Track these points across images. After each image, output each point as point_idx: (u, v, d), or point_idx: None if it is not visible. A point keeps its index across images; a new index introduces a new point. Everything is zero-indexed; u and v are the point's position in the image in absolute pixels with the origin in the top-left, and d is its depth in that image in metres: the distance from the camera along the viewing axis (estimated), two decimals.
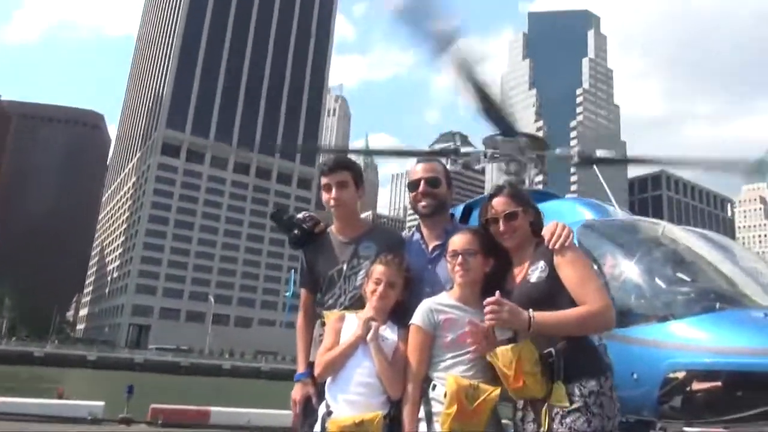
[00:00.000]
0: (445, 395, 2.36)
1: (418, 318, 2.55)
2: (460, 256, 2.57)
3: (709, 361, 3.62)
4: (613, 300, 4.30)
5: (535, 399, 2.33)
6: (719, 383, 3.63)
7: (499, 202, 2.67)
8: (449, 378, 2.38)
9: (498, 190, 2.75)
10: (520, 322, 2.29)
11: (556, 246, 2.46)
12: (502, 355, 2.32)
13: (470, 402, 2.31)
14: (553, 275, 2.45)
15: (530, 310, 2.32)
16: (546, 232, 2.55)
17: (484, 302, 2.32)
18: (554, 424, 2.25)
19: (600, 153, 8.16)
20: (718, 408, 3.68)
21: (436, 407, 2.40)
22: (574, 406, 2.25)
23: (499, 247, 2.67)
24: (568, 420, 2.24)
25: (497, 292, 2.34)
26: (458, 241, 2.63)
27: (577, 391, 2.27)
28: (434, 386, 2.45)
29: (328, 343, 2.69)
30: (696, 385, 3.72)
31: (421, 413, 2.43)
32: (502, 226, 2.62)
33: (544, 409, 2.28)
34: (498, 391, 2.35)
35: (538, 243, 2.58)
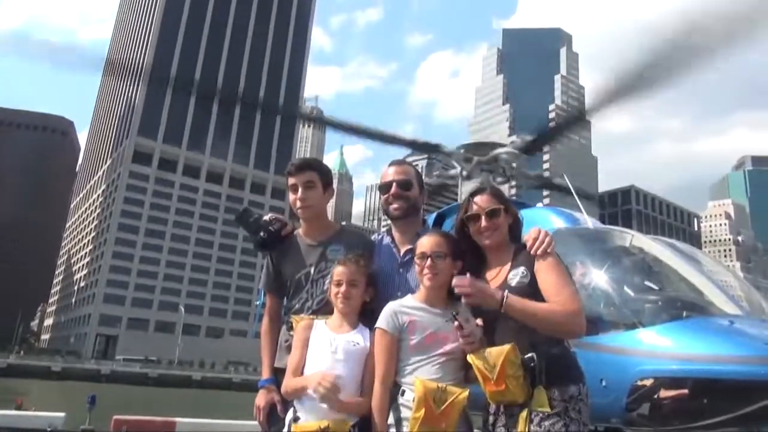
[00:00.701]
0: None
1: (382, 321, 2.52)
2: (429, 259, 2.54)
3: (676, 368, 3.66)
4: (582, 308, 4.36)
5: (513, 403, 2.31)
6: (686, 390, 3.67)
7: (482, 199, 2.66)
8: (416, 381, 2.34)
9: (480, 189, 2.75)
10: (493, 301, 2.31)
11: (539, 252, 2.46)
12: (485, 356, 2.31)
13: (438, 405, 2.28)
14: (534, 281, 2.44)
15: (505, 291, 2.34)
16: (528, 237, 2.54)
17: (454, 279, 2.32)
18: (532, 426, 2.23)
19: (565, 182, 8.28)
20: (685, 415, 3.72)
21: (405, 413, 2.37)
22: (554, 411, 2.24)
23: (465, 251, 2.65)
24: (546, 423, 2.23)
25: (467, 275, 2.34)
26: (427, 243, 2.60)
27: (557, 396, 2.26)
28: (403, 392, 2.42)
29: (296, 357, 2.64)
30: (663, 392, 3.76)
31: (391, 419, 2.40)
32: (484, 222, 2.60)
33: (524, 413, 2.26)
34: (467, 392, 2.32)
35: (518, 248, 2.58)
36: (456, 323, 2.36)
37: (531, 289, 2.42)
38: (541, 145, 8.17)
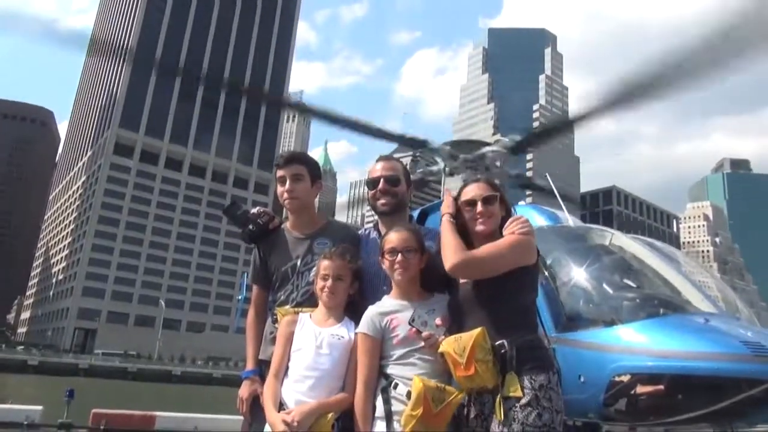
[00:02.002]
0: (408, 395, 2.35)
1: (363, 326, 2.55)
2: (399, 254, 2.58)
3: (652, 365, 3.72)
4: (562, 304, 4.43)
5: (483, 389, 2.33)
6: (662, 386, 3.74)
7: (479, 187, 2.72)
8: (415, 378, 2.35)
9: (476, 179, 2.80)
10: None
11: (507, 230, 2.52)
12: (456, 341, 2.33)
13: (436, 404, 2.30)
14: (512, 276, 2.45)
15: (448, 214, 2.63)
16: (509, 222, 2.59)
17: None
18: (509, 414, 2.26)
19: (546, 180, 8.34)
20: (661, 410, 3.78)
21: (396, 406, 2.39)
22: (525, 399, 2.26)
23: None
24: (520, 416, 2.25)
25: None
26: (396, 238, 2.63)
27: (528, 384, 2.29)
28: (396, 385, 2.43)
29: (278, 355, 2.65)
30: (639, 388, 3.82)
31: (380, 411, 2.41)
32: (479, 208, 2.64)
33: (498, 399, 2.28)
34: (462, 394, 2.34)
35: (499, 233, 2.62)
36: (412, 330, 2.41)
37: (508, 283, 2.45)
38: (528, 146, 8.19)
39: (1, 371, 54.64)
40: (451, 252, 2.45)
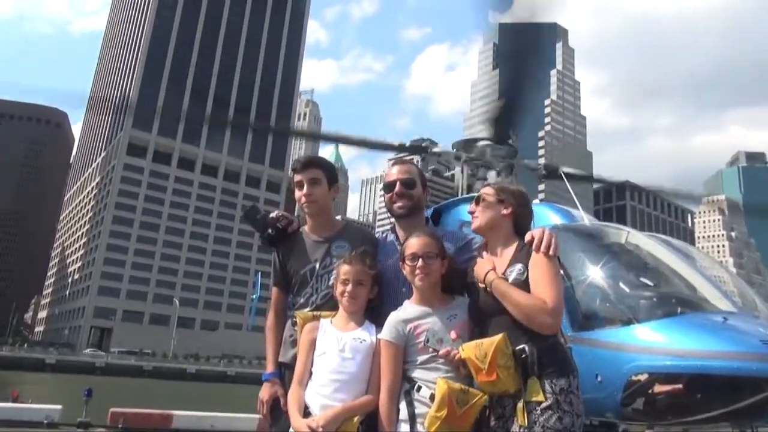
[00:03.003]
0: (432, 398, 2.36)
1: (386, 333, 2.56)
2: (420, 260, 2.58)
3: (670, 364, 3.70)
4: (578, 303, 4.41)
5: (505, 394, 2.34)
6: (680, 386, 3.72)
7: (485, 188, 2.83)
8: (439, 381, 2.37)
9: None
10: (485, 272, 2.49)
11: (541, 250, 2.48)
12: (477, 347, 2.34)
13: (460, 406, 2.32)
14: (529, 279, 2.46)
15: (493, 271, 2.49)
16: (531, 236, 2.56)
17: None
18: (530, 418, 2.27)
19: (565, 169, 8.31)
20: (679, 410, 3.77)
21: (420, 408, 2.40)
22: (547, 403, 2.27)
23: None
24: (541, 419, 2.26)
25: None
26: (417, 243, 2.63)
27: (548, 388, 2.30)
28: (419, 387, 2.45)
29: (302, 359, 2.68)
30: (657, 388, 3.80)
31: (404, 414, 2.43)
32: (471, 207, 2.76)
33: (520, 404, 2.29)
34: (486, 397, 2.36)
35: (521, 244, 2.60)
36: (430, 350, 2.43)
37: (527, 287, 2.44)
38: (502, 127, 8.13)
39: (20, 369, 55.44)
40: (542, 314, 2.38)
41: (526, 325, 2.37)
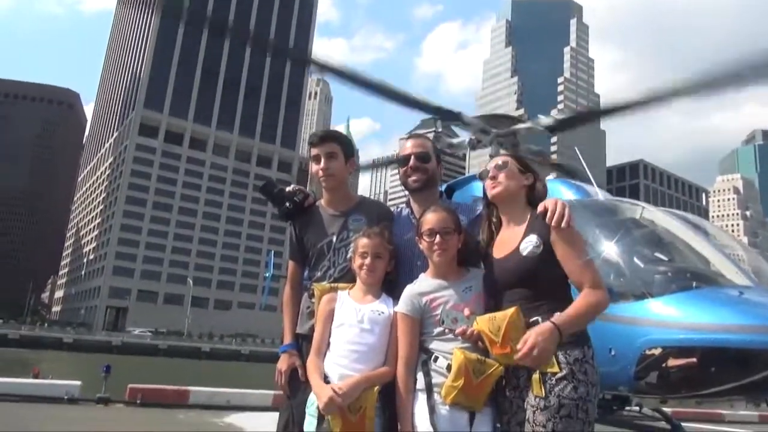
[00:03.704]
0: (449, 368, 2.40)
1: (402, 306, 2.58)
2: (438, 236, 2.59)
3: (684, 338, 3.70)
4: None
5: (518, 365, 2.36)
6: (693, 359, 3.72)
7: (497, 157, 2.78)
8: (456, 351, 2.39)
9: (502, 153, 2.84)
10: (555, 343, 2.27)
11: (560, 225, 2.45)
12: (490, 320, 2.35)
13: (476, 376, 2.35)
14: (546, 252, 2.45)
15: (554, 319, 2.29)
16: (544, 207, 2.53)
17: (516, 357, 2.28)
18: (545, 387, 2.30)
19: (566, 162, 8.14)
20: (693, 383, 3.78)
21: (437, 378, 2.43)
22: (562, 373, 2.28)
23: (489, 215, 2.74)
24: (556, 389, 2.28)
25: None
26: (434, 219, 2.64)
27: (563, 359, 2.31)
28: (436, 358, 2.48)
29: (320, 329, 2.70)
30: (671, 362, 3.81)
31: (421, 384, 2.46)
32: (491, 172, 2.69)
33: (536, 375, 2.31)
34: (502, 368, 2.38)
35: (534, 215, 2.58)
36: (447, 331, 2.44)
37: (542, 260, 2.44)
38: (567, 126, 7.95)
39: (39, 348, 56.53)
40: (600, 295, 2.40)
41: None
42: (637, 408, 5.13)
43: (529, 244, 2.49)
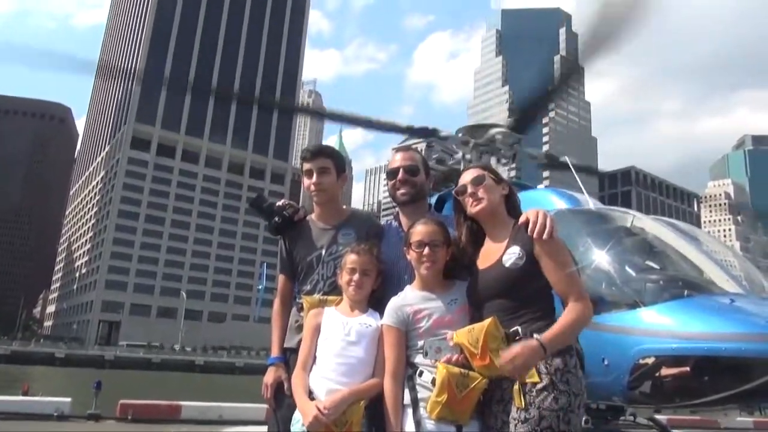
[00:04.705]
0: (433, 382, 2.37)
1: (387, 318, 2.57)
2: (427, 248, 2.58)
3: (677, 347, 3.68)
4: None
5: (501, 377, 2.33)
6: (687, 368, 3.70)
7: (468, 172, 2.72)
8: (439, 366, 2.37)
9: (469, 166, 2.83)
10: (538, 358, 2.25)
11: (542, 236, 2.42)
12: (469, 332, 2.34)
13: (460, 390, 2.32)
14: (529, 263, 2.43)
15: (539, 336, 2.26)
16: (526, 218, 2.50)
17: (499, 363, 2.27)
18: (524, 400, 2.27)
19: (566, 158, 8.24)
20: (686, 392, 3.75)
21: (422, 393, 2.41)
22: (542, 384, 2.26)
23: (469, 226, 2.70)
24: (537, 400, 2.25)
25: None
26: (424, 231, 2.62)
27: (543, 369, 2.28)
28: (421, 372, 2.46)
29: (307, 344, 2.69)
30: (664, 371, 3.78)
31: (407, 399, 2.44)
32: (470, 189, 2.63)
33: (516, 386, 2.29)
34: (485, 380, 2.35)
35: (516, 226, 2.55)
36: (433, 361, 2.40)
37: (525, 271, 2.42)
38: (531, 117, 8.06)
39: (30, 364, 55.94)
40: (585, 321, 2.39)
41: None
42: (632, 417, 5.09)
43: (512, 255, 2.47)
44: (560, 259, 2.43)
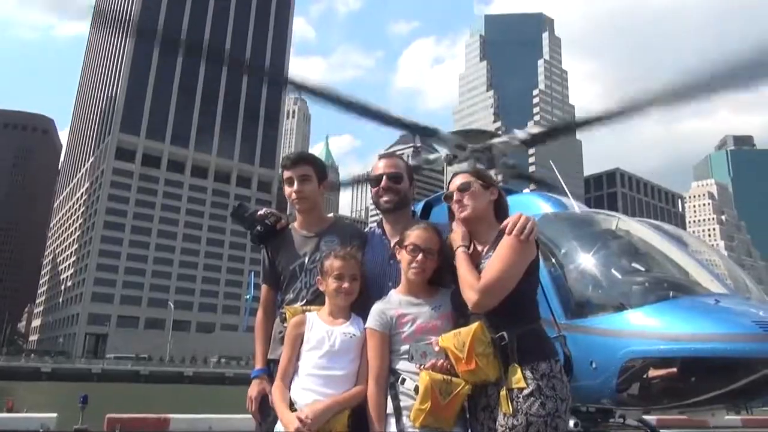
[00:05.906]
0: (416, 390, 2.34)
1: (371, 321, 2.55)
2: (421, 253, 2.56)
3: (664, 348, 3.69)
4: (570, 291, 4.41)
5: (486, 382, 2.32)
6: (674, 369, 3.71)
7: (457, 177, 2.74)
8: (422, 373, 2.35)
9: (461, 170, 2.84)
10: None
11: (511, 233, 2.41)
12: (455, 336, 2.33)
13: (444, 397, 2.30)
14: None
15: (463, 246, 2.50)
16: (508, 220, 2.50)
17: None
18: (511, 405, 2.26)
19: (543, 174, 8.23)
20: (674, 393, 3.77)
21: (405, 401, 2.38)
22: (528, 389, 2.26)
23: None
24: (524, 406, 2.25)
25: None
26: (421, 237, 2.60)
27: (529, 374, 2.28)
28: (403, 380, 2.43)
29: (287, 354, 2.65)
30: (652, 372, 3.79)
31: (389, 408, 2.41)
32: (455, 195, 2.65)
33: (503, 392, 2.28)
34: (469, 386, 2.34)
35: (499, 232, 2.54)
36: (418, 366, 2.39)
37: None
38: (542, 140, 7.98)
39: (16, 379, 55.10)
40: (469, 290, 2.38)
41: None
42: (621, 420, 5.11)
43: (489, 258, 2.47)
44: (501, 252, 2.41)
